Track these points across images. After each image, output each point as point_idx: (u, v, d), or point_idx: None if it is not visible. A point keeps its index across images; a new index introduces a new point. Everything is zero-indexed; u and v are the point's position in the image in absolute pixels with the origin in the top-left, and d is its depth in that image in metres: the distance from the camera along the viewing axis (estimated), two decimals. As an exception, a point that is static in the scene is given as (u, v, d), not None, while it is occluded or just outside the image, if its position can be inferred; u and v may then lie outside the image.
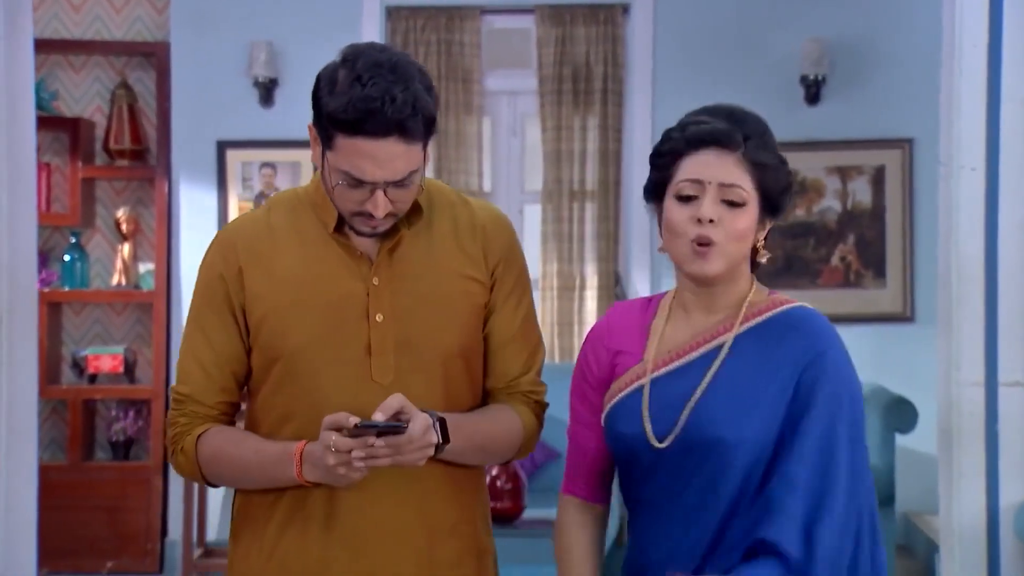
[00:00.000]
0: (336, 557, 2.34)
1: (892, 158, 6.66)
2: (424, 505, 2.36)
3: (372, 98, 2.19)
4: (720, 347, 2.28)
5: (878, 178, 6.67)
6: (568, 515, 2.40)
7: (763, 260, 2.32)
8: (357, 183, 2.24)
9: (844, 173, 6.67)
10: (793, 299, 2.32)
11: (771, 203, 2.27)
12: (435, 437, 2.22)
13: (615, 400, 2.34)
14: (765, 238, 2.32)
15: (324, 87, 2.25)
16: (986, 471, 3.91)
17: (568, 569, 2.37)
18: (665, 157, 2.30)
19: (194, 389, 2.40)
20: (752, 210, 2.25)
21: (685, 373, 2.28)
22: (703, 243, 2.24)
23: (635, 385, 2.32)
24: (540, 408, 2.50)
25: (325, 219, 2.37)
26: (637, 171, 6.73)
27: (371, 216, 2.27)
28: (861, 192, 6.69)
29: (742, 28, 6.67)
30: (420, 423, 2.20)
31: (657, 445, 2.26)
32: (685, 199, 2.25)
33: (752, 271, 2.36)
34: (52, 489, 6.12)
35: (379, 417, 2.18)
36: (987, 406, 3.91)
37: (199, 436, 2.39)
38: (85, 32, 6.91)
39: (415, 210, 2.36)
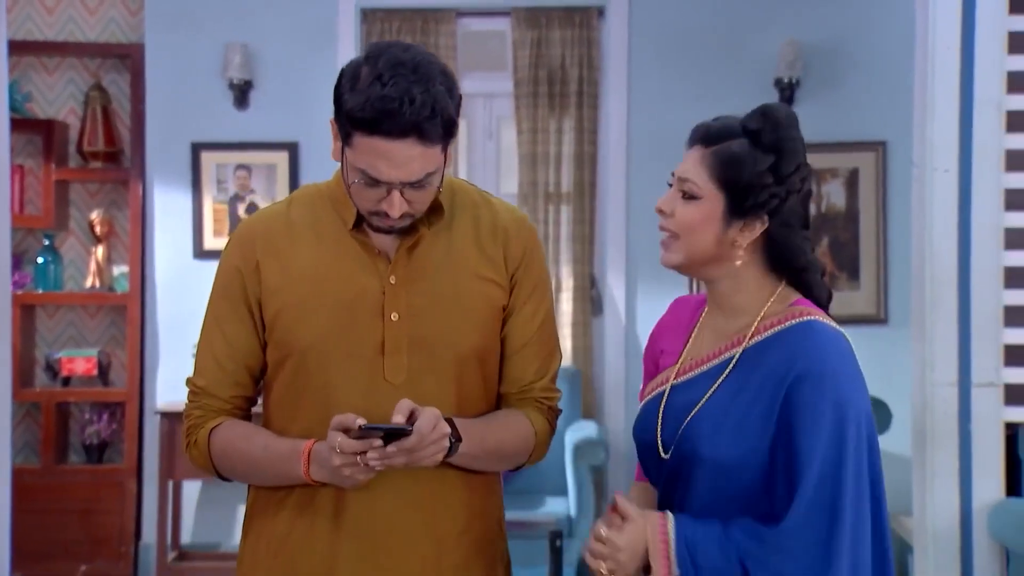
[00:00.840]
0: (343, 556, 2.33)
1: (866, 161, 6.68)
2: (434, 508, 2.34)
3: (390, 98, 2.16)
4: (731, 359, 2.27)
5: (852, 180, 6.69)
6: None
7: (737, 263, 2.28)
8: (373, 182, 2.23)
9: (818, 175, 6.69)
10: (811, 311, 2.27)
11: (734, 201, 2.25)
12: (446, 428, 2.21)
13: (641, 404, 2.36)
14: (779, 240, 2.27)
15: (346, 83, 2.23)
16: (959, 471, 3.93)
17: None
18: None
19: (209, 382, 2.40)
20: (708, 205, 2.25)
21: (697, 383, 2.29)
22: (665, 231, 2.30)
23: (659, 390, 2.34)
24: (553, 414, 2.48)
25: (344, 216, 2.36)
26: (612, 173, 6.74)
27: (388, 215, 2.26)
28: (835, 194, 6.71)
29: (717, 31, 6.68)
30: (428, 417, 2.19)
31: (663, 456, 2.27)
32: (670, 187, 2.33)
33: (788, 278, 2.31)
34: (25, 492, 6.10)
35: (399, 419, 2.18)
36: (960, 406, 3.94)
37: (212, 429, 2.39)
38: (59, 34, 6.88)
39: (436, 209, 2.35)
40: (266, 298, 2.36)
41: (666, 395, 2.31)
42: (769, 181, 2.24)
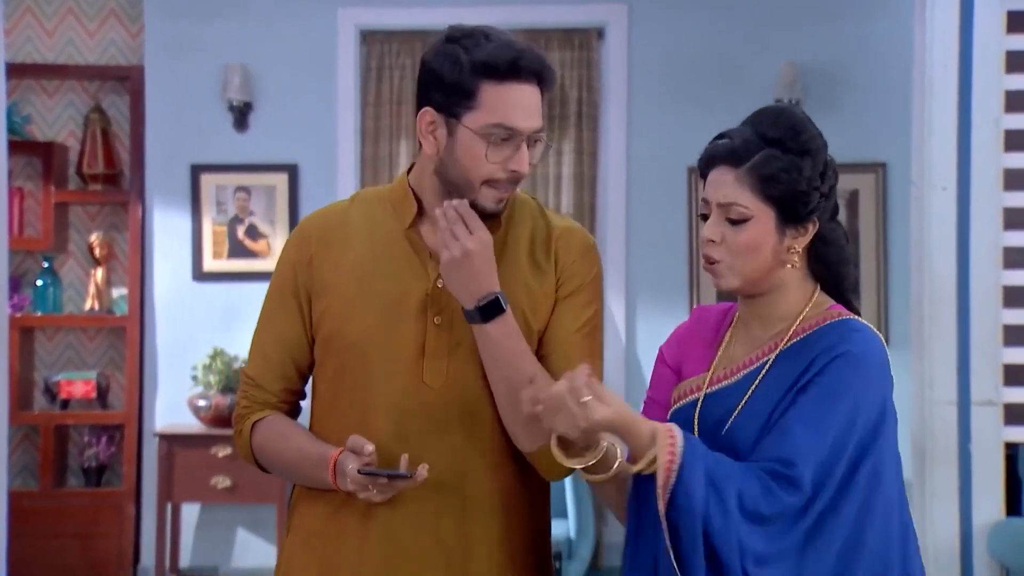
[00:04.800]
0: (371, 556, 2.33)
1: (866, 182, 6.67)
2: (464, 516, 2.33)
3: (517, 43, 2.28)
4: (765, 363, 2.27)
5: (852, 202, 6.69)
6: None
7: (791, 266, 2.27)
8: (510, 134, 2.26)
9: (818, 197, 6.69)
10: (848, 312, 2.27)
11: (786, 212, 2.24)
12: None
13: (672, 410, 2.35)
14: (827, 235, 2.28)
15: (450, 55, 2.26)
16: (959, 490, 3.92)
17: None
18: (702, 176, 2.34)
19: (257, 373, 2.44)
20: (760, 223, 2.23)
21: (733, 392, 2.28)
22: (709, 261, 2.27)
23: (690, 398, 2.33)
24: None
25: (402, 215, 2.37)
26: (612, 195, 6.74)
27: (502, 182, 2.28)
28: (835, 216, 6.71)
29: (716, 53, 6.69)
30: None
31: None
32: (703, 217, 2.30)
33: (824, 279, 2.32)
34: (23, 516, 6.07)
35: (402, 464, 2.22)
36: (960, 425, 3.93)
37: (255, 423, 2.42)
38: (58, 56, 6.89)
39: (496, 214, 2.35)
40: (316, 293, 2.38)
41: (700, 403, 2.31)
42: (817, 184, 2.24)
